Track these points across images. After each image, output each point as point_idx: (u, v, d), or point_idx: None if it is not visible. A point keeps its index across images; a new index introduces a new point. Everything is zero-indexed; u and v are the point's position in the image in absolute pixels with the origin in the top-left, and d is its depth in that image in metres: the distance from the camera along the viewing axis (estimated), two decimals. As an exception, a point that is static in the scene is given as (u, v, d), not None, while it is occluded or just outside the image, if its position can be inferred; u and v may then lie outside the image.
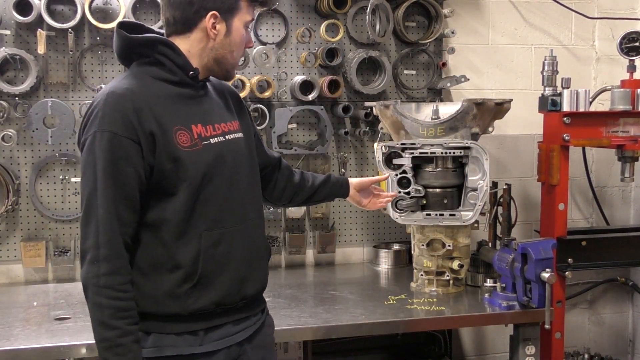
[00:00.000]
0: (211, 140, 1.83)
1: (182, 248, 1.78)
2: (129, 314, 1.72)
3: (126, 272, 1.73)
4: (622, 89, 2.94)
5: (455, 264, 2.77)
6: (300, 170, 2.33)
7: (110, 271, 1.70)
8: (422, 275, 2.83)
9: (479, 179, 2.72)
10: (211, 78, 1.98)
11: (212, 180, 1.81)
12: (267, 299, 2.07)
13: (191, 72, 1.83)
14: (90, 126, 1.73)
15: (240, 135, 1.95)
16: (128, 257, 1.75)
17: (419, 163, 2.76)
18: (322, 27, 3.18)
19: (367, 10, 3.12)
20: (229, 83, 2.13)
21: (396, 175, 2.74)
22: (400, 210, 2.75)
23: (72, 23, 2.91)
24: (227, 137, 1.88)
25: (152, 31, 1.90)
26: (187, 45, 1.85)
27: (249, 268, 1.90)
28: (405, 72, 3.39)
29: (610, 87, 3.15)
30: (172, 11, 1.84)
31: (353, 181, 2.42)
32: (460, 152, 2.71)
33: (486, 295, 2.69)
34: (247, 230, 1.90)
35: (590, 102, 2.98)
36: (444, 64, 3.39)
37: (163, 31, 1.90)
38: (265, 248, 2.02)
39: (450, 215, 2.72)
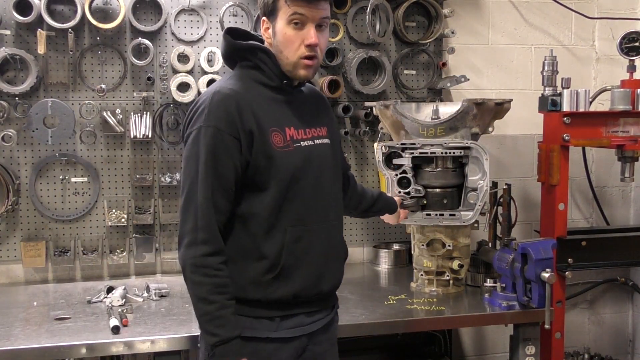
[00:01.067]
0: (302, 143, 1.98)
1: (268, 240, 1.93)
2: (226, 289, 1.88)
3: (222, 254, 1.89)
4: (622, 89, 2.94)
5: (455, 264, 2.77)
6: (361, 186, 2.49)
7: (208, 252, 1.86)
8: (422, 275, 2.83)
9: (479, 179, 2.72)
10: (307, 85, 2.12)
11: (299, 180, 1.95)
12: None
13: (285, 81, 1.98)
14: (195, 121, 1.90)
15: (327, 141, 2.08)
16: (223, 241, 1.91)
17: (419, 163, 2.76)
18: (322, 27, 3.18)
19: (367, 10, 3.12)
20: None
21: (396, 175, 2.74)
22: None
23: (72, 23, 2.91)
24: (316, 141, 2.03)
25: (256, 38, 2.05)
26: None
27: (325, 265, 2.02)
28: (405, 72, 3.39)
29: (610, 87, 3.15)
30: None
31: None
32: (460, 152, 2.71)
33: (486, 295, 2.69)
34: (327, 229, 2.03)
35: (590, 102, 2.98)
36: (444, 64, 3.39)
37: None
38: (342, 248, 2.14)
39: (450, 215, 2.72)
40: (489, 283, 2.82)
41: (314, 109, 2.10)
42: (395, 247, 3.39)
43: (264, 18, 1.97)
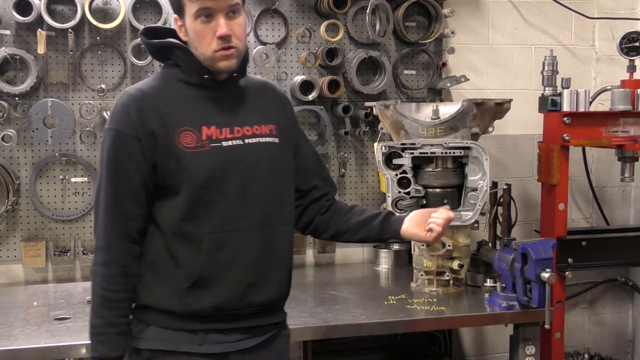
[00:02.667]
0: (223, 143, 1.83)
1: (182, 247, 1.81)
2: (116, 305, 1.79)
3: (118, 265, 1.79)
4: (622, 89, 2.94)
5: (455, 264, 2.76)
6: (348, 209, 2.11)
7: (103, 262, 1.80)
8: (422, 275, 2.83)
9: (479, 179, 2.72)
10: (252, 78, 2.02)
11: (220, 183, 1.81)
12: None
13: (206, 76, 1.86)
14: (105, 124, 1.87)
15: (271, 139, 1.92)
16: (133, 249, 1.81)
17: (419, 163, 2.76)
18: (322, 27, 3.18)
19: (367, 10, 3.12)
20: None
21: (396, 175, 2.74)
22: (400, 210, 2.74)
23: (72, 23, 2.91)
24: (247, 140, 1.87)
25: (174, 35, 1.91)
26: None
27: (259, 275, 1.86)
28: (405, 72, 3.39)
29: (610, 87, 3.15)
30: None
31: (409, 217, 2.08)
32: (460, 152, 2.71)
33: (486, 295, 2.69)
34: (264, 236, 1.87)
35: (590, 102, 2.99)
36: (444, 64, 3.39)
37: None
38: (286, 257, 1.95)
39: (450, 215, 2.72)
40: (489, 283, 2.83)
41: (255, 105, 1.94)
42: (395, 247, 3.39)
43: (175, 16, 1.87)
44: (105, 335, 1.79)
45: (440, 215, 2.01)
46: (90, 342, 1.82)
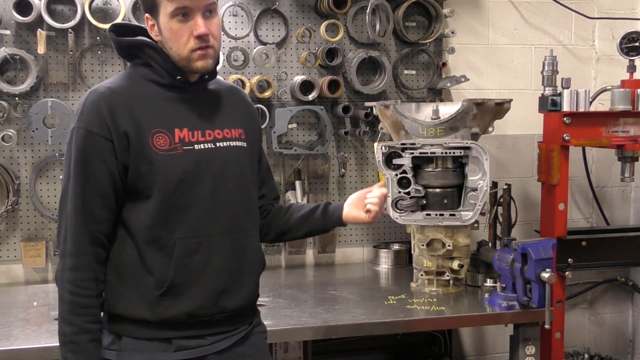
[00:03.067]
0: (195, 146, 1.79)
1: (153, 254, 1.76)
2: (88, 311, 1.73)
3: (89, 270, 1.73)
4: (622, 89, 2.94)
5: (455, 264, 2.76)
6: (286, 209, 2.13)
7: (72, 266, 1.72)
8: (422, 275, 2.83)
9: (479, 179, 2.71)
10: (221, 81, 1.99)
11: (192, 187, 1.77)
12: (267, 299, 2.06)
13: (178, 77, 1.81)
14: (71, 123, 1.78)
15: (240, 144, 1.90)
16: (100, 253, 1.75)
17: (419, 163, 2.76)
18: (322, 27, 3.18)
19: (367, 10, 3.12)
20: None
21: (396, 175, 2.74)
22: (400, 210, 2.74)
23: (72, 23, 2.91)
24: (218, 144, 1.84)
25: (144, 33, 1.87)
26: None
27: (231, 280, 1.83)
28: (405, 72, 3.39)
29: (610, 87, 3.16)
30: None
31: (347, 201, 2.13)
32: (460, 152, 2.71)
33: (486, 295, 2.69)
34: (235, 241, 1.84)
35: (590, 102, 2.98)
36: (444, 64, 3.39)
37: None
38: (257, 261, 1.94)
39: (450, 215, 2.72)
40: (489, 283, 2.82)
41: (225, 108, 1.91)
42: (395, 247, 3.39)
43: (146, 15, 1.80)
44: (76, 344, 1.71)
45: (374, 194, 2.09)
46: (60, 352, 1.74)
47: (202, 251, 1.78)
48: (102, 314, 1.80)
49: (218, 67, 1.99)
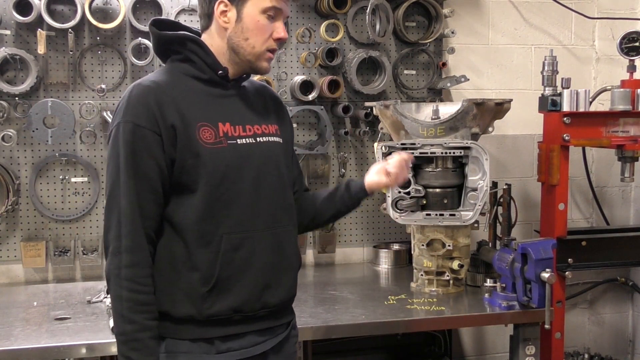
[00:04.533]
0: (238, 140, 1.80)
1: (200, 249, 1.75)
2: (148, 308, 1.71)
3: (147, 265, 1.72)
4: (622, 89, 2.94)
5: (455, 264, 2.77)
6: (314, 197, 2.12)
7: (131, 263, 1.69)
8: (422, 275, 2.83)
9: (479, 179, 2.72)
10: (252, 80, 2.00)
11: (236, 181, 1.78)
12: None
13: (220, 72, 1.83)
14: (114, 118, 1.76)
15: (277, 139, 1.92)
16: (151, 250, 1.74)
17: (419, 163, 2.76)
18: (322, 27, 3.18)
19: (367, 10, 3.12)
20: (267, 78, 2.07)
21: (396, 175, 2.74)
22: (400, 210, 2.74)
23: (72, 23, 2.91)
24: (258, 139, 1.85)
25: (188, 29, 1.90)
26: (211, 40, 1.84)
27: (273, 275, 1.84)
28: (405, 72, 3.39)
29: (610, 87, 3.16)
30: (198, 6, 1.88)
31: (367, 176, 2.11)
32: (460, 152, 2.71)
33: (486, 295, 2.69)
34: (276, 236, 1.85)
35: (590, 102, 2.98)
36: (444, 64, 3.39)
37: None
38: (296, 257, 1.93)
39: (450, 215, 2.72)
40: (489, 283, 2.82)
41: (259, 105, 1.93)
42: (395, 247, 3.39)
43: (220, 0, 1.80)
44: (138, 341, 1.68)
45: (393, 158, 2.07)
46: (120, 351, 1.71)
47: (246, 246, 1.79)
48: None
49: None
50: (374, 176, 2.08)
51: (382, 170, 2.07)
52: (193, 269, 1.75)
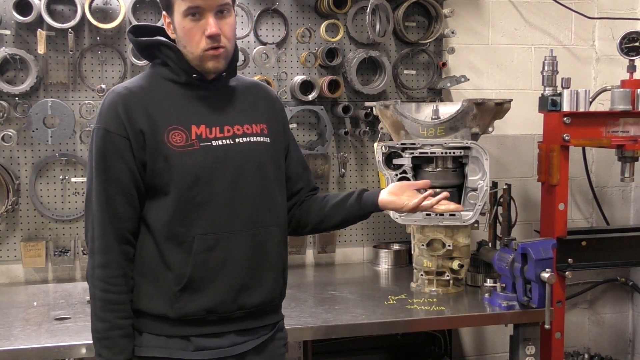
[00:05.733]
0: (213, 142, 1.81)
1: (172, 249, 1.78)
2: (119, 307, 1.76)
3: (118, 266, 1.76)
4: (622, 89, 2.94)
5: (455, 264, 2.77)
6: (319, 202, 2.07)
7: (101, 264, 1.75)
8: (422, 275, 2.83)
9: (479, 179, 2.72)
10: (244, 79, 2.00)
11: (210, 183, 1.78)
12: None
13: (194, 75, 1.84)
14: (94, 124, 1.82)
15: (262, 139, 1.90)
16: (128, 250, 1.79)
17: (419, 163, 2.76)
18: (322, 27, 3.18)
19: (367, 10, 3.12)
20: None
21: (396, 175, 2.74)
22: (400, 210, 2.74)
23: (72, 23, 2.91)
24: (237, 140, 1.85)
25: (161, 33, 1.89)
26: None
27: (251, 277, 1.84)
28: (405, 72, 3.39)
29: (610, 87, 3.15)
30: None
31: (384, 191, 2.05)
32: (460, 152, 2.71)
33: (486, 295, 2.69)
34: (255, 237, 1.84)
35: (590, 102, 2.99)
36: (444, 64, 3.39)
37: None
38: (279, 257, 1.92)
39: (450, 215, 2.72)
40: (489, 283, 2.82)
41: (246, 104, 1.92)
42: (395, 247, 3.39)
43: (164, 13, 1.84)
44: (110, 339, 1.75)
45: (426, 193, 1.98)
46: (94, 348, 1.78)
47: (220, 247, 1.80)
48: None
49: (239, 64, 2.00)
50: (391, 195, 2.00)
51: (400, 192, 2.00)
52: (167, 268, 1.79)
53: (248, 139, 1.87)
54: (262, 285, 1.87)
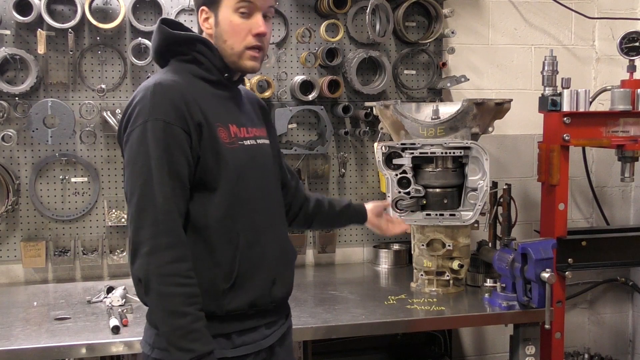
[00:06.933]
0: (245, 142, 1.85)
1: (222, 246, 1.78)
2: (197, 300, 1.70)
3: (188, 260, 1.71)
4: (622, 89, 2.94)
5: (455, 264, 2.76)
6: (316, 197, 2.26)
7: (175, 259, 1.67)
8: (422, 275, 2.83)
9: (479, 179, 2.71)
10: (241, 86, 2.02)
11: (247, 180, 1.82)
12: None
13: (226, 75, 1.85)
14: (137, 117, 1.71)
15: (267, 142, 1.97)
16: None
17: (419, 163, 2.76)
18: (322, 27, 3.18)
19: (367, 10, 3.12)
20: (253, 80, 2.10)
21: (396, 175, 2.74)
22: (400, 210, 2.74)
23: (72, 23, 2.91)
24: (258, 141, 1.91)
25: (191, 31, 1.90)
26: None
27: (279, 271, 1.90)
28: (405, 72, 3.39)
29: (610, 87, 3.15)
30: None
31: (368, 206, 2.39)
32: (460, 152, 2.71)
33: (486, 295, 2.69)
34: (277, 232, 1.92)
35: (590, 102, 2.98)
36: (444, 64, 3.39)
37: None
38: (292, 251, 2.00)
39: (450, 215, 2.72)
40: (489, 283, 2.83)
41: (250, 108, 1.98)
42: (395, 247, 3.39)
43: (203, 7, 1.82)
44: (196, 331, 1.67)
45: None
46: (177, 348, 1.66)
47: (259, 243, 1.83)
48: None
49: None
50: (377, 219, 2.39)
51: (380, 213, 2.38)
52: (215, 265, 1.77)
53: (263, 141, 1.94)
54: (286, 278, 1.94)
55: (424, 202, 2.75)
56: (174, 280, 1.67)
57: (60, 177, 3.05)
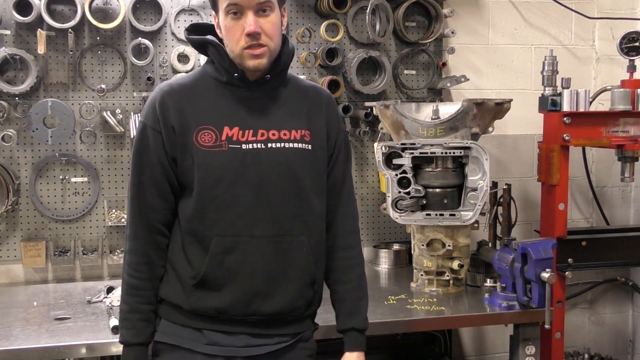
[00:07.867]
0: (243, 145, 1.80)
1: (193, 245, 1.83)
2: (140, 293, 1.85)
3: (143, 254, 1.85)
4: (622, 89, 2.94)
5: (455, 264, 2.76)
6: (340, 278, 2.03)
7: (129, 250, 1.86)
8: (422, 275, 2.83)
9: (479, 179, 2.71)
10: (303, 81, 2.01)
11: (234, 185, 1.79)
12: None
13: (235, 75, 1.84)
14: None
15: (301, 145, 1.85)
16: (156, 240, 1.85)
17: (419, 163, 2.76)
18: (322, 27, 3.18)
19: (367, 10, 3.12)
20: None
21: (396, 175, 2.74)
22: (400, 210, 2.74)
23: (72, 23, 2.91)
24: (269, 144, 1.82)
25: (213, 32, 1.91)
26: None
27: (269, 284, 1.82)
28: (405, 72, 3.39)
29: (610, 87, 3.15)
30: None
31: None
32: (460, 152, 2.71)
33: (486, 295, 2.69)
34: (279, 244, 1.82)
35: (590, 102, 2.98)
36: (444, 64, 3.39)
37: None
38: (306, 270, 1.87)
39: (450, 215, 2.72)
40: (489, 283, 2.83)
41: (291, 109, 1.89)
42: (395, 247, 3.39)
43: (213, 13, 1.87)
44: (129, 321, 1.85)
45: None
46: (120, 328, 1.88)
47: (239, 250, 1.80)
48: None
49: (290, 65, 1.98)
50: None
51: None
52: (187, 262, 1.84)
53: (283, 144, 1.83)
54: (281, 295, 1.84)
55: (424, 202, 2.75)
56: (126, 268, 1.86)
57: (60, 177, 3.05)
